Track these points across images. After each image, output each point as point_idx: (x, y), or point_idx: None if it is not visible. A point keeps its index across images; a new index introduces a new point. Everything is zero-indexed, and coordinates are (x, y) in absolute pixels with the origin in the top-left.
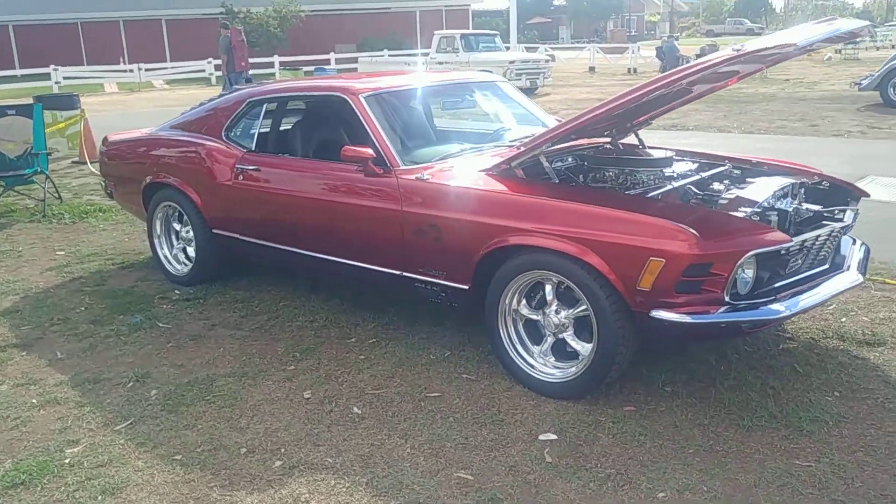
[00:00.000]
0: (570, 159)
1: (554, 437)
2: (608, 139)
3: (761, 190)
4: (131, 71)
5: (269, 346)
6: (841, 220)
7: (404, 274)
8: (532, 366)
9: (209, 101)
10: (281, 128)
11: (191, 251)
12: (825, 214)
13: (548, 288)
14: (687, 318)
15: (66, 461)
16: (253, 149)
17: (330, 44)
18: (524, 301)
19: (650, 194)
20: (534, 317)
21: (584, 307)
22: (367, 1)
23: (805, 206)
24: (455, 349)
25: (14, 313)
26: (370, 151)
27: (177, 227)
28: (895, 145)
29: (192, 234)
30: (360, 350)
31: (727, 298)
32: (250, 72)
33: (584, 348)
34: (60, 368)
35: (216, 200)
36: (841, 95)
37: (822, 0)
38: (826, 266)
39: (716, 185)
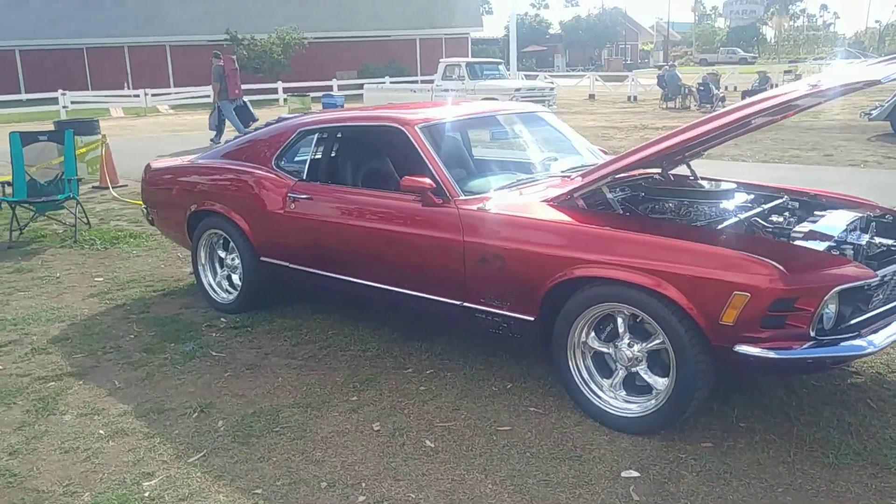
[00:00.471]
0: (622, 190)
1: (636, 474)
2: (658, 169)
3: (833, 223)
4: (137, 96)
5: (327, 376)
6: None
7: (465, 304)
8: (603, 399)
9: (253, 130)
10: (332, 157)
11: (236, 279)
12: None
13: (619, 320)
14: (772, 354)
15: (146, 494)
16: (304, 178)
17: (331, 70)
18: (593, 333)
19: (718, 226)
20: (604, 350)
21: (658, 340)
22: (367, 29)
23: (877, 239)
24: (516, 381)
25: (64, 341)
26: (430, 182)
27: (222, 254)
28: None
29: (237, 261)
30: (420, 381)
31: (812, 334)
32: (244, 98)
33: (657, 382)
34: (121, 398)
35: (266, 229)
36: (849, 125)
37: (814, 31)
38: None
39: (777, 218)
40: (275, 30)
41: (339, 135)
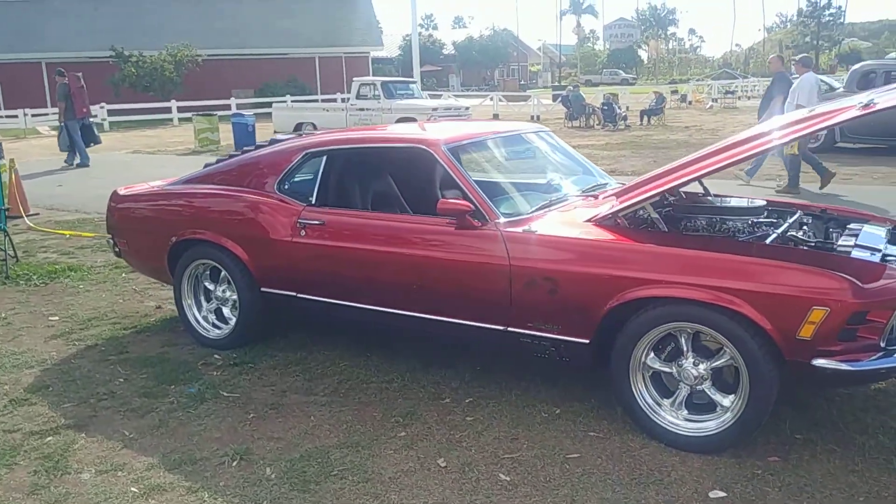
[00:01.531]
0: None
1: (723, 494)
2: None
3: (873, 236)
4: (15, 116)
5: (361, 411)
6: None
7: (509, 329)
8: (668, 420)
9: (241, 153)
10: (345, 181)
11: (227, 312)
12: None
13: (682, 339)
14: (848, 366)
15: None
16: (313, 202)
17: (228, 88)
18: (653, 353)
19: (765, 242)
20: (665, 369)
21: (725, 358)
22: (265, 46)
23: None
24: (562, 405)
25: (44, 389)
26: (468, 205)
27: (210, 286)
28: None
29: (229, 293)
30: (463, 411)
31: (883, 344)
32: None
33: (724, 399)
34: (140, 449)
35: (269, 258)
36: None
37: (685, 54)
38: None
39: (810, 233)
40: (165, 46)
41: (353, 157)
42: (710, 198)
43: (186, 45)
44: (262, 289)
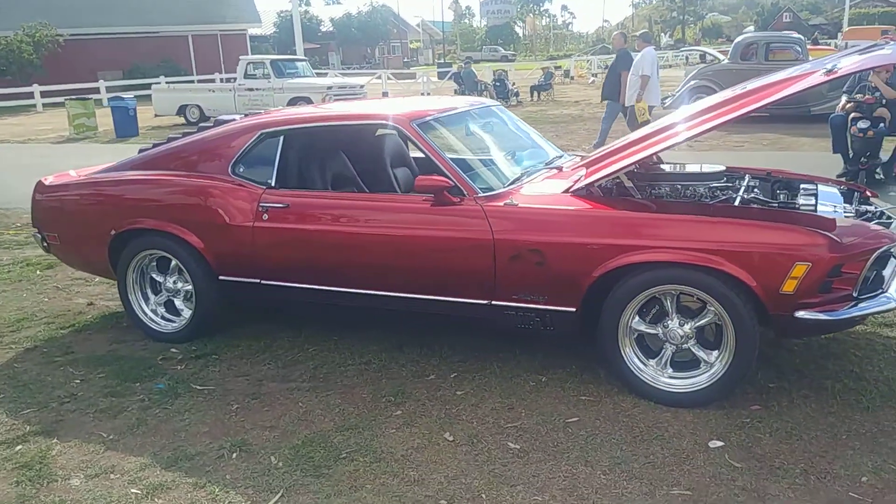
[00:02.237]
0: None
1: (721, 443)
2: None
3: (830, 195)
4: None
5: (348, 394)
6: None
7: (492, 303)
8: (657, 379)
9: (182, 136)
10: (307, 161)
11: (179, 304)
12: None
13: (668, 302)
14: (826, 316)
15: None
16: (273, 185)
17: (93, 71)
18: (638, 317)
19: (735, 204)
20: (650, 331)
21: (710, 317)
22: (133, 24)
23: (863, 207)
24: (547, 374)
25: None
26: (447, 180)
27: (157, 278)
28: (740, 155)
29: (180, 284)
30: (450, 386)
31: (855, 294)
32: None
33: (710, 356)
34: (125, 450)
35: (228, 244)
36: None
37: (559, 30)
38: None
39: (768, 195)
40: (20, 26)
41: (313, 135)
42: (663, 166)
43: (45, 24)
44: (221, 277)
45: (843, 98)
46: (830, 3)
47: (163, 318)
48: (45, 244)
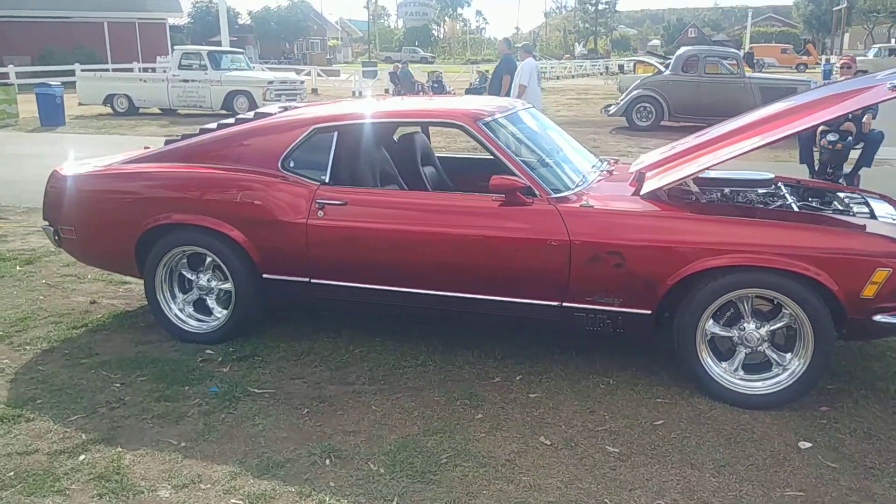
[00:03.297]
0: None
1: (809, 444)
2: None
3: (881, 203)
4: None
5: (417, 397)
6: None
7: (563, 304)
8: (731, 382)
9: (217, 126)
10: (363, 158)
11: (211, 303)
12: None
13: (744, 305)
14: None
15: None
16: (327, 181)
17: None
18: (711, 320)
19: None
20: (726, 334)
21: (785, 320)
22: (45, 7)
23: None
24: (612, 375)
25: (31, 402)
26: (521, 181)
27: (189, 275)
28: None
29: (214, 282)
30: (519, 388)
31: None
32: None
33: (783, 358)
34: (203, 458)
35: (277, 240)
36: (582, 121)
37: (475, 35)
38: None
39: (818, 202)
40: None
41: (367, 132)
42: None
43: None
44: (265, 275)
45: None
46: (729, 20)
47: (190, 316)
48: (58, 238)
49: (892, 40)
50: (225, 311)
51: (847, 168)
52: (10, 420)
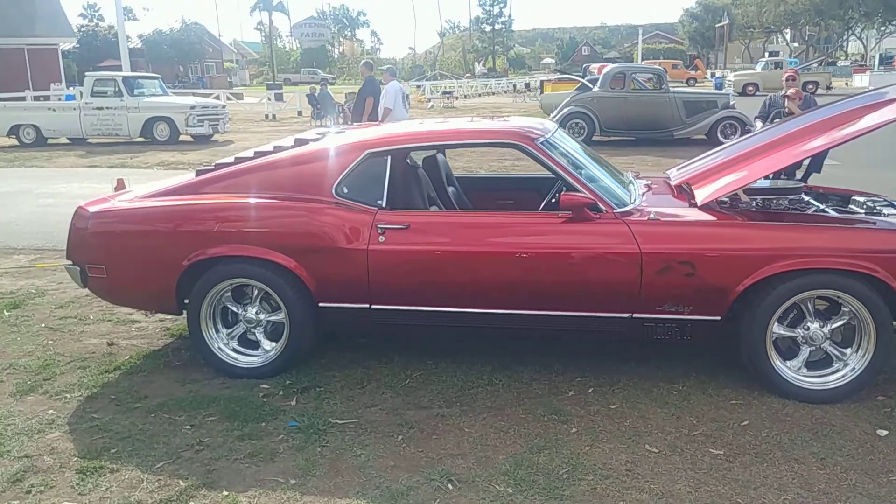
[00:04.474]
0: None
1: (886, 431)
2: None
3: None
4: None
5: (501, 415)
6: None
7: (634, 315)
8: (797, 379)
9: (254, 155)
10: (409, 180)
11: (257, 335)
12: None
13: (808, 305)
14: None
15: None
16: (384, 206)
17: None
18: (777, 322)
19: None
20: (791, 335)
21: (845, 318)
22: None
23: None
24: (679, 382)
25: (105, 453)
26: (588, 197)
27: (235, 309)
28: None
29: (262, 315)
30: (597, 400)
31: None
32: None
33: (844, 354)
34: (326, 493)
35: (336, 268)
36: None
37: (370, 55)
38: None
39: (846, 207)
40: None
41: (422, 155)
42: None
43: None
44: (321, 304)
45: (759, 123)
46: (616, 38)
47: (235, 351)
48: (84, 279)
49: (767, 54)
50: (274, 344)
51: (799, 174)
52: (93, 472)
